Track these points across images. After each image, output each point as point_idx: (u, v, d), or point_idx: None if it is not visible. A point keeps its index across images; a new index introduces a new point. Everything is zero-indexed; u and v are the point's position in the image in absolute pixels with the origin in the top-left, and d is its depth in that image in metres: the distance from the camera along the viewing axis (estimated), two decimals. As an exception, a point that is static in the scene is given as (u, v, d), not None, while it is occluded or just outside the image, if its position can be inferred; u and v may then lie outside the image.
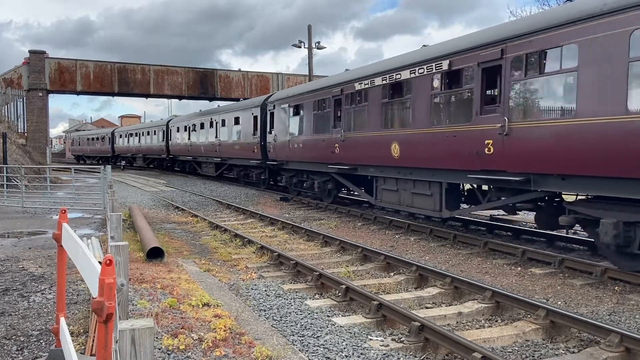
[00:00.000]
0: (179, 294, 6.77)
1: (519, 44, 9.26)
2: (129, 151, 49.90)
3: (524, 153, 9.21)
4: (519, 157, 9.31)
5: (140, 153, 46.43)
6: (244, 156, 24.68)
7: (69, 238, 3.58)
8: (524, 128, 9.23)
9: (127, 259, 3.87)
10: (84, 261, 2.85)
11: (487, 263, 9.43)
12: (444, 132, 11.13)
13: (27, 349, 4.99)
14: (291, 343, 5.42)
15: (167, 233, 12.83)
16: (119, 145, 52.59)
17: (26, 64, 35.46)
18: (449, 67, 10.98)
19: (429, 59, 11.62)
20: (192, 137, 33.01)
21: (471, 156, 10.31)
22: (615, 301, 7.17)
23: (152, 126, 44.10)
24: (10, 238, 11.38)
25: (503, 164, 9.66)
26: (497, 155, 9.75)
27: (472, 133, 10.35)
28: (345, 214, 15.78)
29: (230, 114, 26.60)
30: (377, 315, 6.34)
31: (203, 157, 31.30)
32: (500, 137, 9.60)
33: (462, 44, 10.91)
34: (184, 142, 34.65)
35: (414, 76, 12.08)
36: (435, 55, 11.54)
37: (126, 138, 50.46)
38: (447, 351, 5.34)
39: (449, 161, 11.01)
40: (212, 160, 29.80)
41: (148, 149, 43.99)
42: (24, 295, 6.70)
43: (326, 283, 7.80)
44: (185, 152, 34.70)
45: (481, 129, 10.13)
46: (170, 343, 4.93)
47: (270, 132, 21.21)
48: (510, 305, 6.70)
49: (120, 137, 52.86)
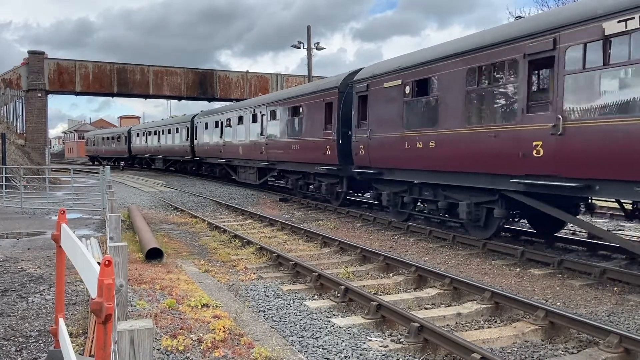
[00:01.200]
0: (178, 295, 6.76)
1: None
2: (147, 152, 44.24)
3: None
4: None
5: (159, 154, 40.85)
6: (305, 159, 18.21)
7: (68, 239, 3.57)
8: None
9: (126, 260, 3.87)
10: (82, 262, 2.84)
11: (486, 264, 9.43)
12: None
13: (25, 350, 4.98)
14: (290, 344, 5.42)
15: (166, 234, 12.82)
16: (136, 145, 47.24)
17: (25, 65, 35.45)
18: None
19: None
20: (225, 135, 26.87)
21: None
22: (614, 302, 7.18)
23: (173, 123, 38.33)
24: (9, 239, 11.36)
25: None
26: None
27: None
28: (345, 214, 15.77)
29: (285, 105, 20.15)
30: (376, 316, 6.34)
31: (241, 159, 25.03)
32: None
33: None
34: (214, 142, 28.62)
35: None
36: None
37: (144, 137, 44.74)
38: (446, 352, 5.34)
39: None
40: (255, 165, 23.32)
41: (169, 150, 38.12)
42: (22, 296, 6.69)
43: (325, 284, 7.80)
44: (216, 154, 28.50)
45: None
46: (169, 344, 4.92)
47: (359, 126, 14.55)
48: (510, 306, 6.70)
49: (137, 135, 47.08)
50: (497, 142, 9.66)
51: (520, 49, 9.20)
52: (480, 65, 10.17)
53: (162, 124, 42.03)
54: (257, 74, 43.34)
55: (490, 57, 9.93)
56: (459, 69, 10.65)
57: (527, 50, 9.04)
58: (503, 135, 9.55)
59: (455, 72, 10.75)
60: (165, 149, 38.80)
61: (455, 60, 10.80)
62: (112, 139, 54.59)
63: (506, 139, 9.46)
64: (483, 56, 10.09)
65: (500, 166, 9.66)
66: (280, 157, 20.31)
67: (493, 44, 9.91)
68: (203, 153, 30.97)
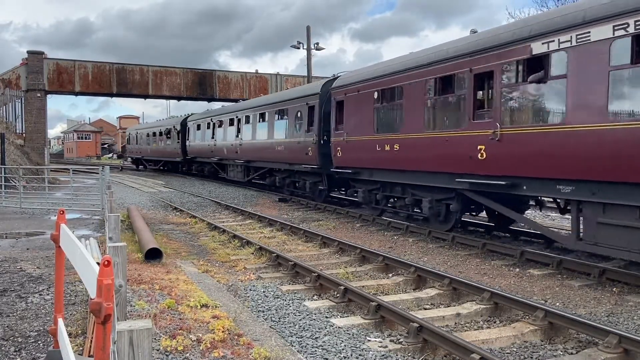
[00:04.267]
0: (177, 295, 6.76)
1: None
2: (214, 153, 28.29)
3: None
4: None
5: (241, 158, 24.51)
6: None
7: (67, 239, 3.57)
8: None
9: (125, 260, 3.87)
10: (82, 262, 2.84)
11: (485, 264, 9.43)
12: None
13: (24, 350, 4.97)
14: (290, 344, 5.42)
15: (166, 234, 12.81)
16: (193, 143, 31.92)
17: (24, 65, 35.44)
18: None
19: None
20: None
21: None
22: (613, 302, 7.18)
23: (267, 104, 22.35)
24: (8, 239, 11.36)
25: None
26: None
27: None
28: (344, 215, 15.77)
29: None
30: (375, 317, 6.34)
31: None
32: None
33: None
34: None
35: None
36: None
37: (208, 130, 29.19)
38: (446, 352, 5.34)
39: None
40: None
41: (261, 151, 22.12)
42: (21, 296, 6.68)
43: (325, 284, 7.79)
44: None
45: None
46: (169, 344, 4.92)
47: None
48: (509, 307, 6.70)
49: (197, 129, 31.11)
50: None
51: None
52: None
53: (241, 107, 26.12)
54: (257, 74, 43.36)
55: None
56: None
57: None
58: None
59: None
60: (254, 149, 22.97)
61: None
62: (158, 136, 39.54)
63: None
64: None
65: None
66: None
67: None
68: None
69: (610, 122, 7.62)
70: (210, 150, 28.97)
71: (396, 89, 12.82)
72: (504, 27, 10.51)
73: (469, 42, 10.71)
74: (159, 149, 40.06)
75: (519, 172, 9.29)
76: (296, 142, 18.57)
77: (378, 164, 13.65)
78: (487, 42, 10.05)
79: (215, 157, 28.39)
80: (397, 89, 12.77)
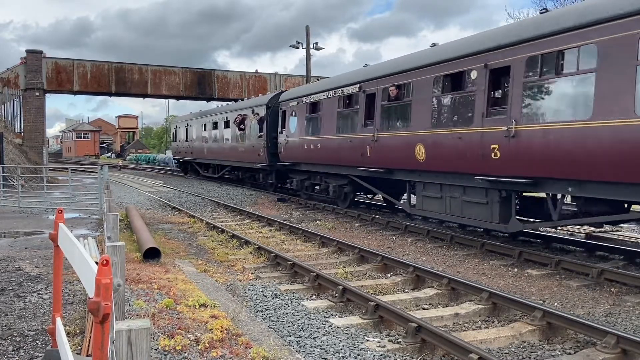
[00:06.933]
0: (175, 295, 6.75)
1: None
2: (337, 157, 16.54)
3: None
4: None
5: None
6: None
7: (66, 238, 3.56)
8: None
9: (124, 260, 3.86)
10: (80, 261, 2.84)
11: (484, 264, 9.44)
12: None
13: (23, 350, 4.97)
14: (288, 344, 5.42)
15: (164, 233, 12.80)
16: (291, 139, 18.75)
17: (23, 64, 35.38)
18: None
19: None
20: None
21: None
22: (611, 303, 7.19)
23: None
24: (6, 238, 11.34)
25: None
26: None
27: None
28: (343, 214, 15.78)
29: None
30: (374, 316, 6.34)
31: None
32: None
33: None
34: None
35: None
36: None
37: (316, 120, 17.08)
38: (444, 352, 5.34)
39: None
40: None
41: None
42: (20, 296, 6.68)
43: (323, 284, 7.79)
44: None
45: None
46: (167, 344, 4.91)
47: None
48: (507, 307, 6.71)
49: (292, 114, 18.96)
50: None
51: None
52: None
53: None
54: (256, 73, 43.33)
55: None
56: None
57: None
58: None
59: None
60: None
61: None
62: (221, 128, 27.16)
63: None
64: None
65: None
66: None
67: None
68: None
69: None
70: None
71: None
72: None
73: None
74: (223, 148, 26.86)
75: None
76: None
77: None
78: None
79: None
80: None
